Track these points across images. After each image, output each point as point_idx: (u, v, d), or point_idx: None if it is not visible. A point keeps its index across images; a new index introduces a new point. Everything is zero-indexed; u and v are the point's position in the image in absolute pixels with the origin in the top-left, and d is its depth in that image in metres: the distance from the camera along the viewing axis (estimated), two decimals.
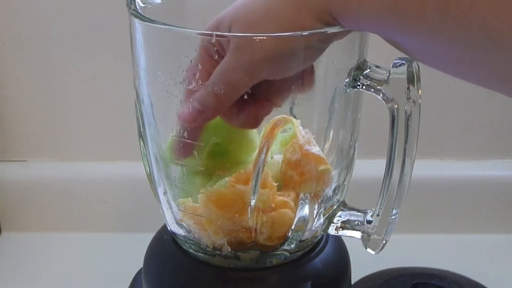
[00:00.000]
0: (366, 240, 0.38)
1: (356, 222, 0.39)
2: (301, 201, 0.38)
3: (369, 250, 0.38)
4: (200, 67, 0.34)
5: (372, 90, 0.35)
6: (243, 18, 0.32)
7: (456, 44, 0.28)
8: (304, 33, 0.31)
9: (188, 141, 0.36)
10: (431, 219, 0.70)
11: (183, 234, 0.40)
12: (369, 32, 0.34)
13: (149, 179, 0.42)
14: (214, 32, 0.32)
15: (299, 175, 0.38)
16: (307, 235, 0.39)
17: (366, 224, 0.38)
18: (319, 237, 0.42)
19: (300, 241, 0.39)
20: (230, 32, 0.32)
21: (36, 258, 0.66)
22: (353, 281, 0.45)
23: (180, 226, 0.40)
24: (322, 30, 0.31)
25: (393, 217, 0.36)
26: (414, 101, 0.33)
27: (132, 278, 0.51)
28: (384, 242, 0.37)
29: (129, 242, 0.65)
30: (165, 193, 0.40)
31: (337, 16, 0.30)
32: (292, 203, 0.38)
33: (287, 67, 0.33)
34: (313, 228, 0.40)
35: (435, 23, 0.27)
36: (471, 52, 0.28)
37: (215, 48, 0.33)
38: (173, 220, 0.41)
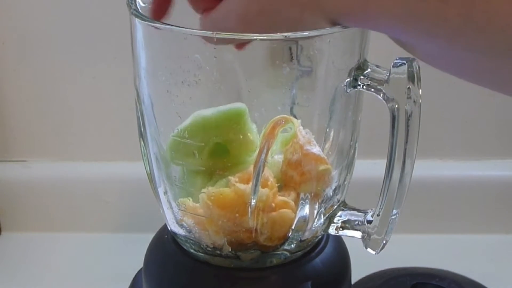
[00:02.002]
0: (367, 240, 0.38)
1: (357, 222, 0.39)
2: (302, 201, 0.38)
3: (369, 250, 0.38)
4: None
5: (373, 90, 0.35)
6: None
7: (475, 51, 0.27)
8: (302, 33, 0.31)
9: None
10: (431, 219, 0.70)
11: (184, 234, 0.40)
12: (384, 33, 0.33)
13: (149, 179, 0.42)
14: (215, 32, 0.32)
15: (299, 175, 0.38)
16: (307, 235, 0.39)
17: (366, 224, 0.38)
18: (320, 237, 0.42)
19: (301, 241, 0.39)
20: None
21: (36, 258, 0.66)
22: (353, 281, 0.45)
23: (181, 226, 0.40)
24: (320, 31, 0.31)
25: (393, 217, 0.36)
26: (414, 101, 0.33)
27: (132, 278, 0.51)
28: (384, 242, 0.37)
29: (129, 242, 0.66)
30: (165, 193, 0.40)
31: (354, 18, 0.29)
32: (293, 203, 0.38)
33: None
34: (314, 228, 0.40)
35: (456, 28, 0.26)
36: (490, 59, 0.27)
37: None
38: (173, 220, 0.41)
